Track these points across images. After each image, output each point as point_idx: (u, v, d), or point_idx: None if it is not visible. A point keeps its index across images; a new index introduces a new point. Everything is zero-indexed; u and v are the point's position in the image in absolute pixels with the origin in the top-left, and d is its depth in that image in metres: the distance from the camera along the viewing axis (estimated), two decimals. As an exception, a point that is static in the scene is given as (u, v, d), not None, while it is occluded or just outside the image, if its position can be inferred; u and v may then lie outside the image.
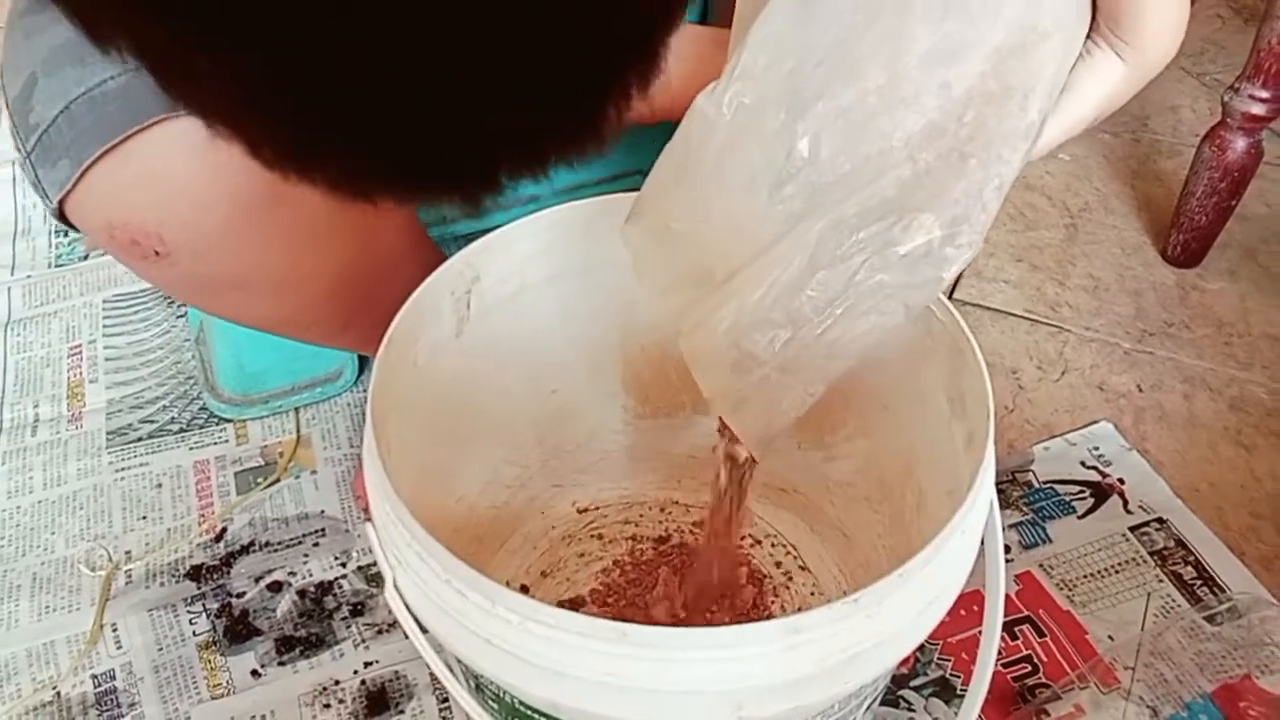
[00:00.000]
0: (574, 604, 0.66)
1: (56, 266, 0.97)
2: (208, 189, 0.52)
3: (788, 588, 0.67)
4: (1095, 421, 0.80)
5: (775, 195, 0.41)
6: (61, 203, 0.52)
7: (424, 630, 0.45)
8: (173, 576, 0.72)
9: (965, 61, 0.40)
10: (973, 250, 0.41)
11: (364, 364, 0.85)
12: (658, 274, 0.46)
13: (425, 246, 0.71)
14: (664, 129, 0.47)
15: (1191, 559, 0.71)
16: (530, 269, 0.60)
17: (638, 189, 0.45)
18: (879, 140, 0.39)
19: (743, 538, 0.70)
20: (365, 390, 0.84)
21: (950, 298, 0.50)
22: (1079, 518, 0.73)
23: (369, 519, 0.48)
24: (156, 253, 0.53)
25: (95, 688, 0.65)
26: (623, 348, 0.66)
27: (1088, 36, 0.44)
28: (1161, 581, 0.69)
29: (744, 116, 0.42)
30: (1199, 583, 0.69)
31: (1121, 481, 0.76)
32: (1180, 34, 0.43)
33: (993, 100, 0.41)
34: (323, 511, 0.76)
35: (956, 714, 0.56)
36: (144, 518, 0.76)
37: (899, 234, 0.39)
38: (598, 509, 0.73)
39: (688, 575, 0.66)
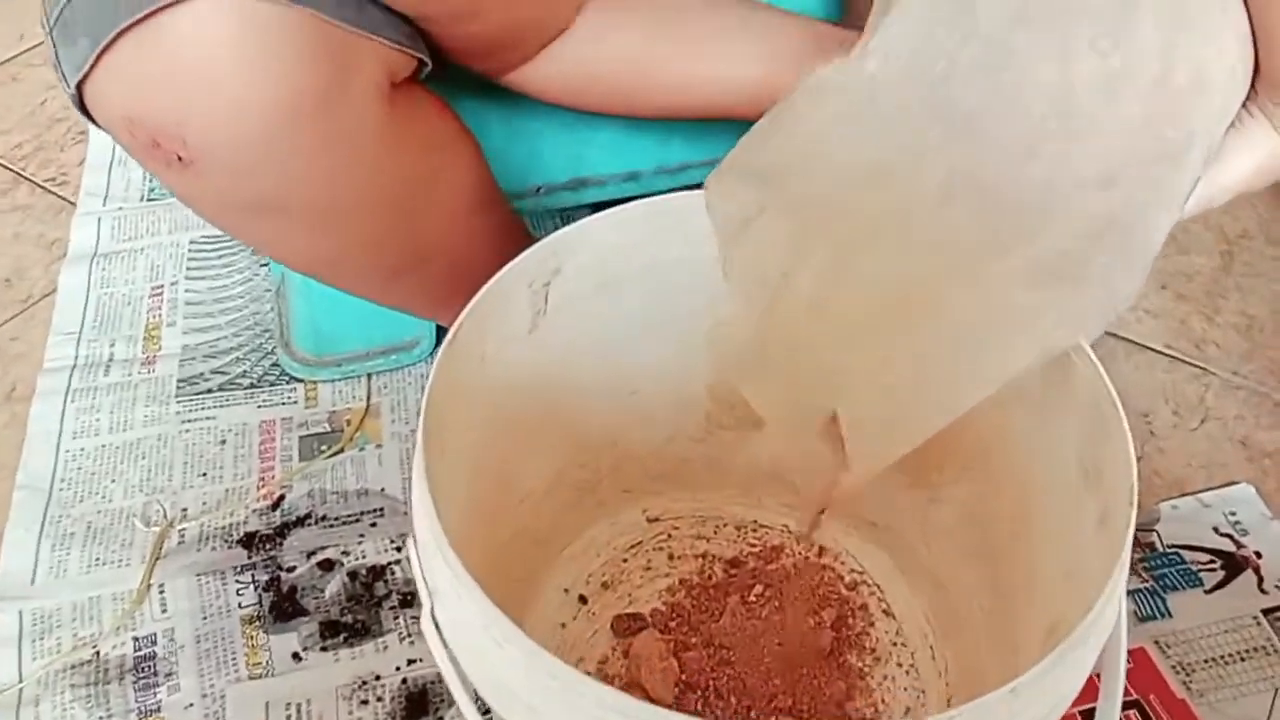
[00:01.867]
0: (633, 621, 0.62)
1: (149, 200, 0.95)
2: (243, 84, 0.44)
3: (868, 633, 0.61)
4: (1234, 482, 0.72)
5: (935, 211, 0.41)
6: (80, 89, 0.46)
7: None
8: (225, 542, 0.69)
9: (1131, 102, 0.38)
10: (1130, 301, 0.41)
11: (441, 335, 0.81)
12: (736, 223, 0.48)
13: (497, 213, 0.65)
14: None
15: (1332, 654, 0.62)
16: (618, 262, 0.54)
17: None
18: (1047, 172, 0.37)
19: (825, 569, 0.64)
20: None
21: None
22: (1206, 592, 0.65)
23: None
24: (179, 158, 0.46)
25: (135, 651, 0.63)
26: (711, 351, 0.60)
27: (1244, 103, 0.40)
28: (1294, 676, 0.61)
29: (871, 97, 0.41)
30: (1339, 683, 0.61)
31: (1258, 555, 0.67)
32: None
33: (1158, 148, 0.38)
34: (383, 489, 0.72)
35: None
36: (204, 474, 0.73)
37: (1071, 291, 0.38)
38: (669, 520, 0.68)
39: (762, 616, 0.60)
